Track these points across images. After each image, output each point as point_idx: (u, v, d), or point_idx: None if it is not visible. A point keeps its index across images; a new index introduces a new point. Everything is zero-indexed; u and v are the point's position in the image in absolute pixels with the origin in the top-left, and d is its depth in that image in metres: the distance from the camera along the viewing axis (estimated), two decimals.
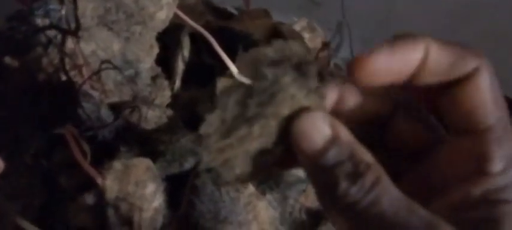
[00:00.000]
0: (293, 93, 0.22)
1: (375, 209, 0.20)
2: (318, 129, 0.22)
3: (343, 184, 0.21)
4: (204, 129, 0.22)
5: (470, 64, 0.22)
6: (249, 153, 0.23)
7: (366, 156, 0.22)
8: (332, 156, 0.21)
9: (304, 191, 0.50)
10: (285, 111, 0.22)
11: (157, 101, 0.56)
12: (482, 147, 0.22)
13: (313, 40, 0.67)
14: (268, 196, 0.47)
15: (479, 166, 0.22)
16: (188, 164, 0.48)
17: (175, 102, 0.58)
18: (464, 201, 0.22)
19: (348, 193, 0.20)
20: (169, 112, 0.56)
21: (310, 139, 0.22)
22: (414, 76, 0.23)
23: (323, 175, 0.21)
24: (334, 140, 0.22)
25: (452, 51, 0.22)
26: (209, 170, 0.22)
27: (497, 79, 0.23)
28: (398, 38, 0.23)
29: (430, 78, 0.23)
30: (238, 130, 0.22)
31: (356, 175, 0.21)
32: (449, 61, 0.22)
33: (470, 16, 0.89)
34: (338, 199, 0.21)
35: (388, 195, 0.21)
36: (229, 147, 0.22)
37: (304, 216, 0.50)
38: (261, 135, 0.22)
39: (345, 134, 0.22)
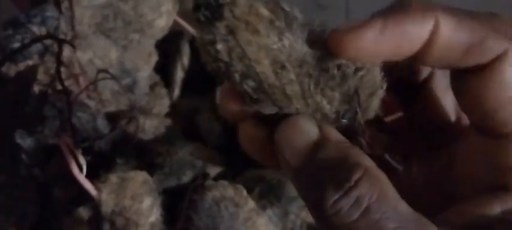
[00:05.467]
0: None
1: (374, 227, 0.17)
2: (303, 131, 0.20)
3: (331, 194, 0.18)
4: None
5: (493, 50, 0.18)
6: (275, 90, 0.20)
7: (362, 159, 0.19)
8: (319, 161, 0.19)
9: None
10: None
11: (155, 110, 0.57)
12: (503, 154, 0.19)
13: None
14: (269, 212, 0.48)
15: (498, 177, 0.19)
16: (186, 177, 0.49)
17: (174, 111, 0.59)
18: (481, 218, 0.19)
19: (337, 205, 0.18)
20: (168, 121, 0.57)
21: (293, 146, 0.19)
22: (417, 57, 0.19)
23: (308, 183, 0.19)
24: (322, 142, 0.19)
25: (471, 31, 0.18)
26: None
27: None
28: (399, 7, 0.19)
29: (437, 62, 0.19)
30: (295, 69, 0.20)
31: (346, 182, 0.18)
32: (465, 43, 0.18)
33: None
34: (325, 212, 0.18)
35: (392, 210, 0.18)
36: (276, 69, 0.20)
37: None
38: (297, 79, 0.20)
39: (335, 135, 0.20)
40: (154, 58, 0.56)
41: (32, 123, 0.47)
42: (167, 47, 0.59)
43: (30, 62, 0.49)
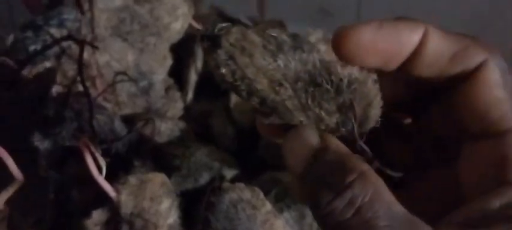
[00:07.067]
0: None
1: (365, 225, 0.19)
2: (304, 140, 0.22)
3: (326, 195, 0.20)
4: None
5: (475, 57, 0.21)
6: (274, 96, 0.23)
7: (359, 164, 0.21)
8: (318, 166, 0.21)
9: None
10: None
11: (169, 113, 0.58)
12: (501, 151, 0.21)
13: (329, 52, 0.68)
14: (286, 214, 0.49)
15: (498, 174, 0.21)
16: (203, 179, 0.50)
17: (187, 114, 0.60)
18: (480, 216, 0.20)
19: (332, 205, 0.19)
20: (182, 124, 0.57)
21: (297, 154, 0.22)
22: (409, 64, 0.22)
23: (309, 187, 0.21)
24: (322, 150, 0.21)
25: (455, 41, 0.21)
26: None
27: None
28: (395, 18, 0.22)
29: (427, 68, 0.22)
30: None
31: (340, 184, 0.20)
32: (450, 51, 0.21)
33: (487, 27, 0.90)
34: (321, 211, 0.20)
35: (385, 210, 0.19)
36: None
37: None
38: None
39: (335, 143, 0.22)
40: (169, 61, 0.57)
41: (50, 125, 0.47)
42: (181, 50, 0.60)
43: (47, 64, 0.50)
